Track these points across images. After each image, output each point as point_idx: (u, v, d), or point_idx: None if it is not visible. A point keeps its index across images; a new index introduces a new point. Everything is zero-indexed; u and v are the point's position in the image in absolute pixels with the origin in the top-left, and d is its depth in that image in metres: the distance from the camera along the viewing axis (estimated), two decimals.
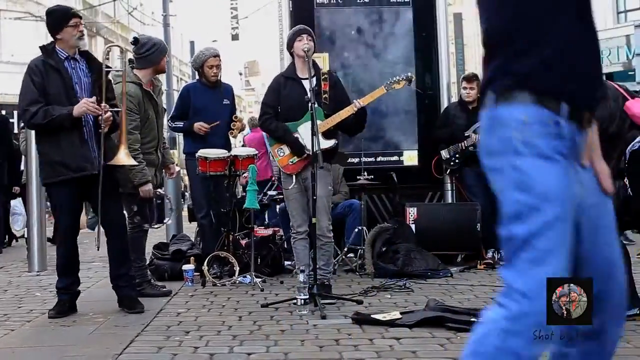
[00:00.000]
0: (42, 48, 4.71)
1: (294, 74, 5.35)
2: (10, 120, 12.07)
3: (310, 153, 4.93)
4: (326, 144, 5.13)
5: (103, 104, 4.56)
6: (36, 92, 4.54)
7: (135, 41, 5.40)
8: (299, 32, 5.29)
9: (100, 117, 4.54)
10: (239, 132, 6.70)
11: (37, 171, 6.89)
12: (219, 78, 6.53)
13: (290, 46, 5.36)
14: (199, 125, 6.32)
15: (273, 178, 8.34)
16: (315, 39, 5.47)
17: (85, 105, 4.50)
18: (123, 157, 4.67)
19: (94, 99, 4.54)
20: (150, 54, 5.39)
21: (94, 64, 4.72)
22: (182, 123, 6.46)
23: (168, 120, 6.74)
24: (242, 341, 3.84)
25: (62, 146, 4.57)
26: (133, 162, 4.81)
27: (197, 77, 6.80)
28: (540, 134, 1.76)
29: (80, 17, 4.83)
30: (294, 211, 5.27)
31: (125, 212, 5.11)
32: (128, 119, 4.89)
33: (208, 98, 6.46)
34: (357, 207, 6.79)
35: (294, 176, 5.24)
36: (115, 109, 4.67)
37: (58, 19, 4.69)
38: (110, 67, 4.73)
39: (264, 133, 8.19)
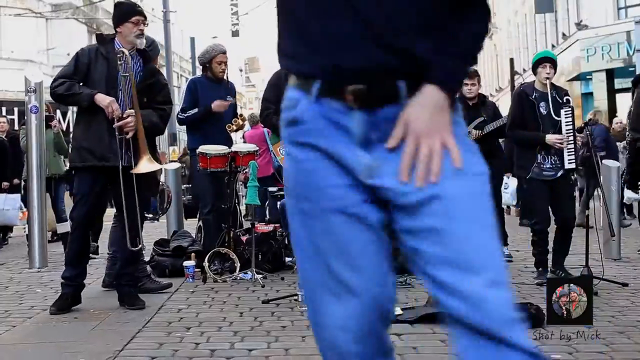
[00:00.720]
0: (99, 36, 4.78)
1: None
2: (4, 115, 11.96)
3: None
4: None
5: (119, 108, 4.51)
6: (73, 69, 4.59)
7: None
8: None
9: (116, 120, 4.49)
10: (237, 129, 6.69)
11: (38, 167, 6.92)
12: (225, 74, 6.57)
13: None
14: (219, 103, 6.34)
15: None
16: None
17: (110, 102, 4.47)
18: (145, 166, 4.58)
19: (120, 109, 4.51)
20: (149, 51, 5.40)
21: (148, 65, 4.71)
22: (195, 110, 6.47)
23: (178, 113, 6.75)
24: (243, 337, 3.85)
25: (91, 134, 4.59)
26: (157, 166, 4.78)
27: (197, 73, 6.80)
28: (284, 122, 1.51)
29: (145, 17, 4.82)
30: None
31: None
32: None
33: (213, 93, 6.48)
34: None
35: None
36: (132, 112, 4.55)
37: (123, 12, 4.73)
38: (127, 74, 4.59)
39: (265, 130, 8.21)
